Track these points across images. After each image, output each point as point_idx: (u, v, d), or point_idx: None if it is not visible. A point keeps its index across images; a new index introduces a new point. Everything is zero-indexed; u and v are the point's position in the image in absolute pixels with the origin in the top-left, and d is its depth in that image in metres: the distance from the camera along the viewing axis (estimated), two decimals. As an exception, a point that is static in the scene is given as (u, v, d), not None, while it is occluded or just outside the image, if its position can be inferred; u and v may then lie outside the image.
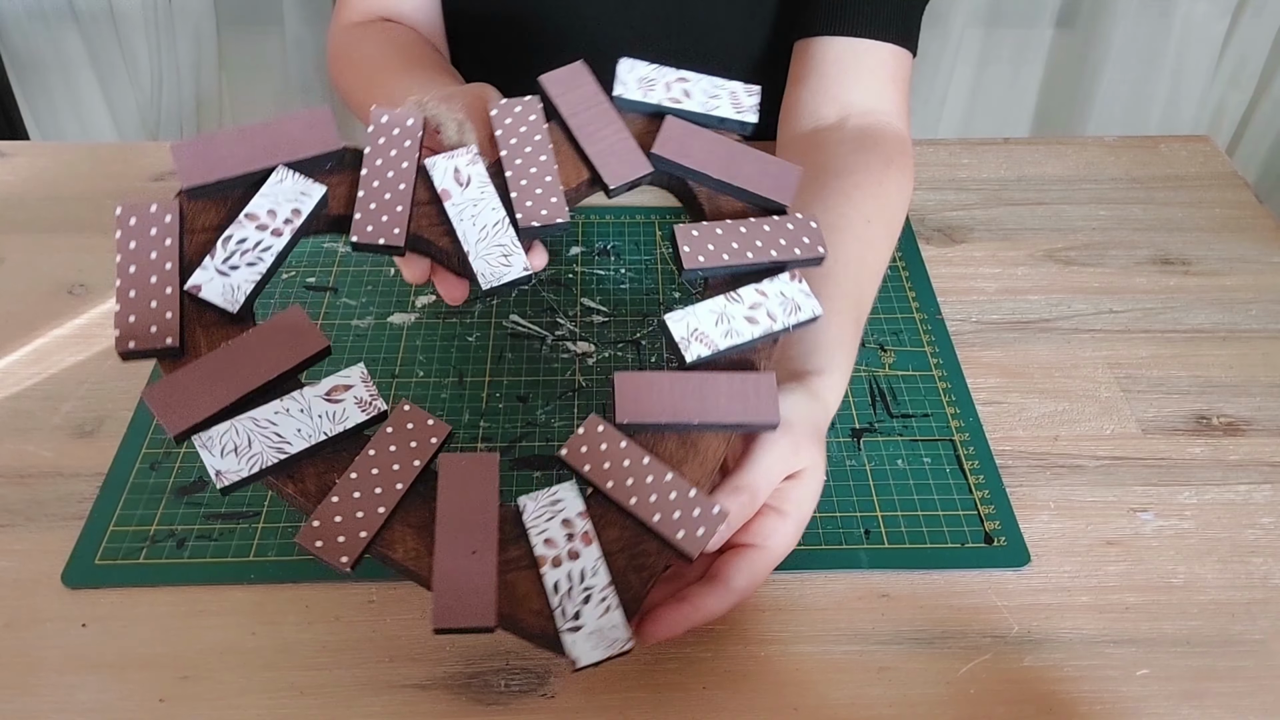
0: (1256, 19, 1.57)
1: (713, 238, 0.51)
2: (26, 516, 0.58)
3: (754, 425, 0.48)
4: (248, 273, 0.48)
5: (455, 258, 0.50)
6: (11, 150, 0.85)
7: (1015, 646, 0.53)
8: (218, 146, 0.50)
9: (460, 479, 0.45)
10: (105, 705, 0.50)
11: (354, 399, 0.46)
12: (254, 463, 0.44)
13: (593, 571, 0.44)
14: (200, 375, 0.45)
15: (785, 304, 0.50)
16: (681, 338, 0.48)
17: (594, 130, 0.54)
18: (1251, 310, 0.73)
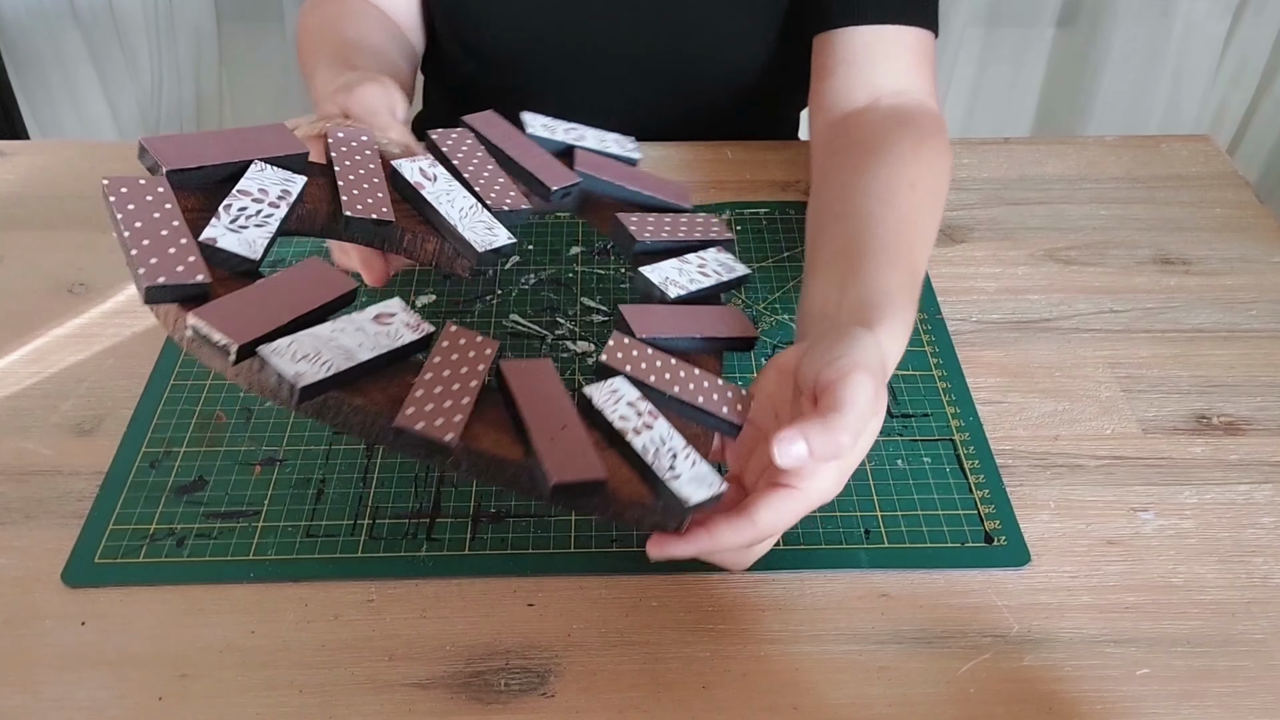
0: (1258, 18, 1.57)
1: (647, 222, 0.61)
2: (25, 515, 0.58)
3: (738, 339, 0.57)
4: (258, 231, 0.49)
5: (439, 236, 0.55)
6: (11, 149, 0.85)
7: (1015, 646, 0.53)
8: (190, 143, 0.51)
9: (526, 378, 0.48)
10: (104, 703, 0.50)
11: (402, 323, 0.48)
12: (327, 367, 0.44)
13: (669, 436, 0.49)
14: (242, 304, 0.45)
15: (722, 265, 0.61)
16: (660, 282, 0.58)
17: (523, 153, 0.62)
18: (1252, 310, 0.73)
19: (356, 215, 0.52)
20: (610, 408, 0.49)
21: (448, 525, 0.57)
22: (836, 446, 0.45)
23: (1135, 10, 1.53)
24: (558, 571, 0.55)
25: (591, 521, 0.57)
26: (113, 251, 0.75)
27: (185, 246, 0.46)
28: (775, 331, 0.69)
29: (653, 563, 0.48)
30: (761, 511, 0.47)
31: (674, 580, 0.55)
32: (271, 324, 0.45)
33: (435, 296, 0.72)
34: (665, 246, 0.60)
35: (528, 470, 0.46)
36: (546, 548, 0.56)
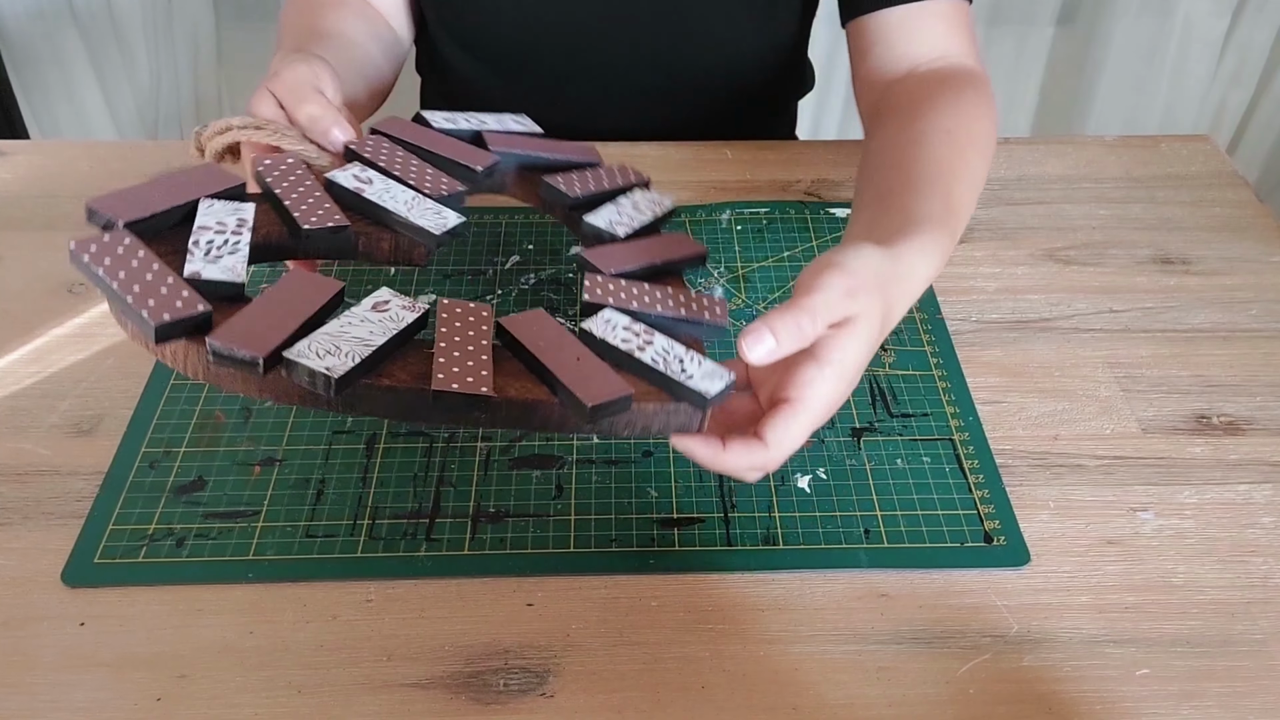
0: (1257, 18, 1.57)
1: (573, 179, 0.64)
2: (24, 515, 0.58)
3: (690, 257, 0.61)
4: (233, 258, 0.51)
5: (392, 231, 0.57)
6: (10, 149, 0.85)
7: (1015, 646, 0.53)
8: (134, 195, 0.53)
9: (529, 327, 0.52)
10: (102, 703, 0.50)
11: (398, 306, 0.51)
12: (351, 356, 0.46)
13: (671, 345, 0.52)
14: (249, 321, 0.47)
15: (650, 202, 0.65)
16: (606, 225, 0.61)
17: (439, 146, 0.64)
18: (1252, 310, 0.72)
19: (314, 227, 0.54)
20: (610, 334, 0.52)
21: (447, 525, 0.57)
22: (798, 330, 0.48)
23: (1134, 10, 1.53)
24: (557, 571, 0.55)
25: (591, 522, 0.58)
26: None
27: (175, 284, 0.48)
28: (775, 331, 0.69)
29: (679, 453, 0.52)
30: (768, 431, 0.49)
31: (673, 580, 0.55)
32: (284, 332, 0.47)
33: (435, 297, 0.72)
34: (594, 197, 0.64)
35: (558, 406, 0.49)
36: (546, 548, 0.56)
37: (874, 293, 0.51)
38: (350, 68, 0.73)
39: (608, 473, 0.60)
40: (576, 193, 0.64)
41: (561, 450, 0.62)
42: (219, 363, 0.46)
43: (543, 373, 0.50)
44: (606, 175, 0.67)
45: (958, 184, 0.63)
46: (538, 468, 0.60)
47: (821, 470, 0.61)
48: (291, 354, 0.46)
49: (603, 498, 0.59)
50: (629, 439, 0.63)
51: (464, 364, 0.49)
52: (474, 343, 0.50)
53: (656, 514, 0.58)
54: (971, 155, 0.66)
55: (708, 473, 0.60)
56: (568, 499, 0.59)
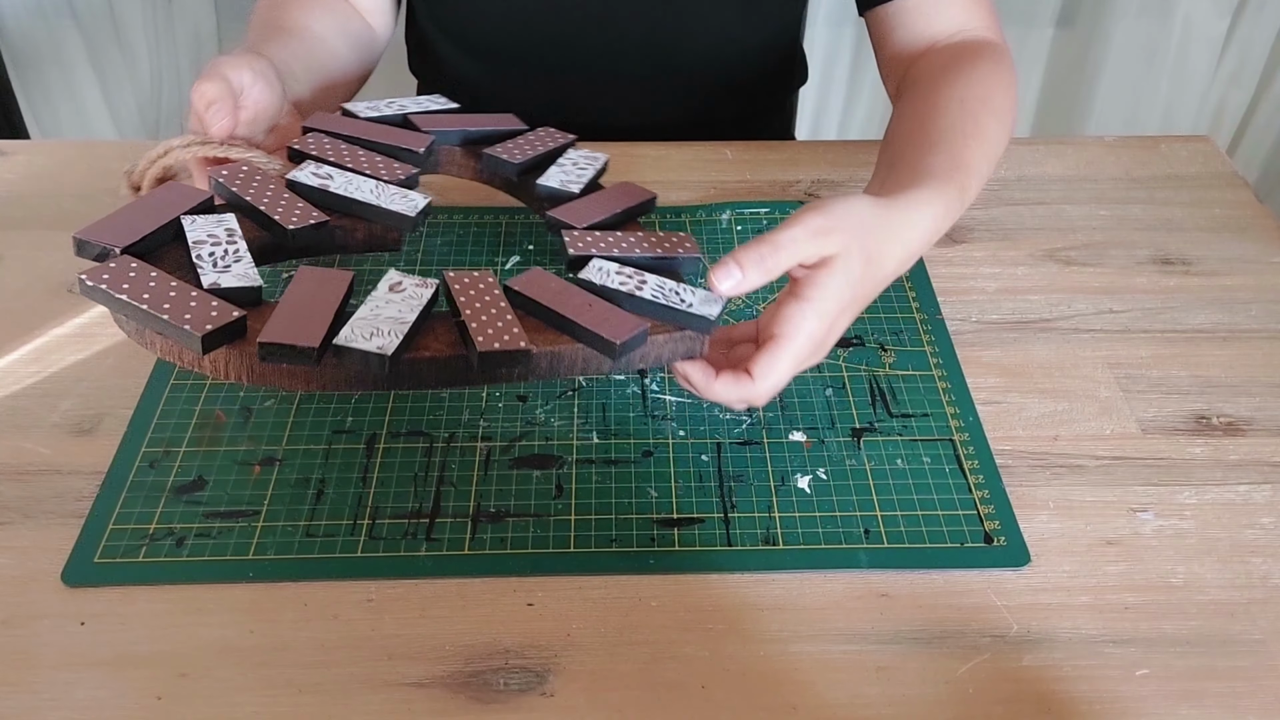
0: (1257, 18, 1.57)
1: (510, 148, 0.68)
2: (24, 514, 0.58)
3: (644, 202, 0.65)
4: (241, 265, 0.53)
5: (364, 220, 0.60)
6: (11, 148, 0.85)
7: (1014, 646, 0.53)
8: (118, 222, 0.54)
9: (535, 285, 0.55)
10: (103, 703, 0.50)
11: (413, 285, 0.54)
12: (394, 335, 0.50)
13: (663, 282, 0.56)
14: (288, 318, 0.50)
15: (587, 159, 0.69)
16: (559, 185, 0.65)
17: (374, 135, 0.66)
18: (1251, 310, 0.73)
19: (298, 226, 0.57)
20: (607, 280, 0.56)
21: (447, 525, 0.57)
22: (760, 261, 0.52)
23: (1134, 10, 1.53)
24: (557, 571, 0.55)
25: (591, 522, 0.58)
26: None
27: (201, 296, 0.50)
28: (775, 331, 0.69)
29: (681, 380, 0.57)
30: (754, 365, 0.53)
31: (673, 580, 0.55)
32: (325, 323, 0.50)
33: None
34: (536, 160, 0.68)
35: (583, 350, 0.54)
36: (546, 547, 0.56)
37: (851, 234, 0.54)
38: (309, 63, 0.74)
39: (608, 473, 0.60)
40: (518, 159, 0.67)
41: (561, 450, 0.62)
42: (269, 359, 0.49)
43: (562, 323, 0.54)
44: (538, 140, 0.70)
45: (968, 143, 0.64)
46: (538, 468, 0.60)
47: (821, 470, 0.61)
48: (340, 340, 0.49)
49: (603, 498, 0.59)
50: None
51: (495, 325, 0.53)
52: (495, 305, 0.54)
53: (656, 514, 0.58)
54: (986, 119, 0.67)
55: (708, 473, 0.60)
56: (568, 499, 0.59)
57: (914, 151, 0.65)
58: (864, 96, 1.63)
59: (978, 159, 0.64)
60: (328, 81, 0.77)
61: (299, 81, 0.72)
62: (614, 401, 0.64)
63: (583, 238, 0.60)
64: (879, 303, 0.72)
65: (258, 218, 0.58)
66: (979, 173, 0.64)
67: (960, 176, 0.62)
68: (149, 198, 0.57)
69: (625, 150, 0.86)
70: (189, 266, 0.54)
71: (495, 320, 0.53)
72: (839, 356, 0.68)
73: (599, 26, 0.84)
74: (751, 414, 0.64)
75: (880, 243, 0.56)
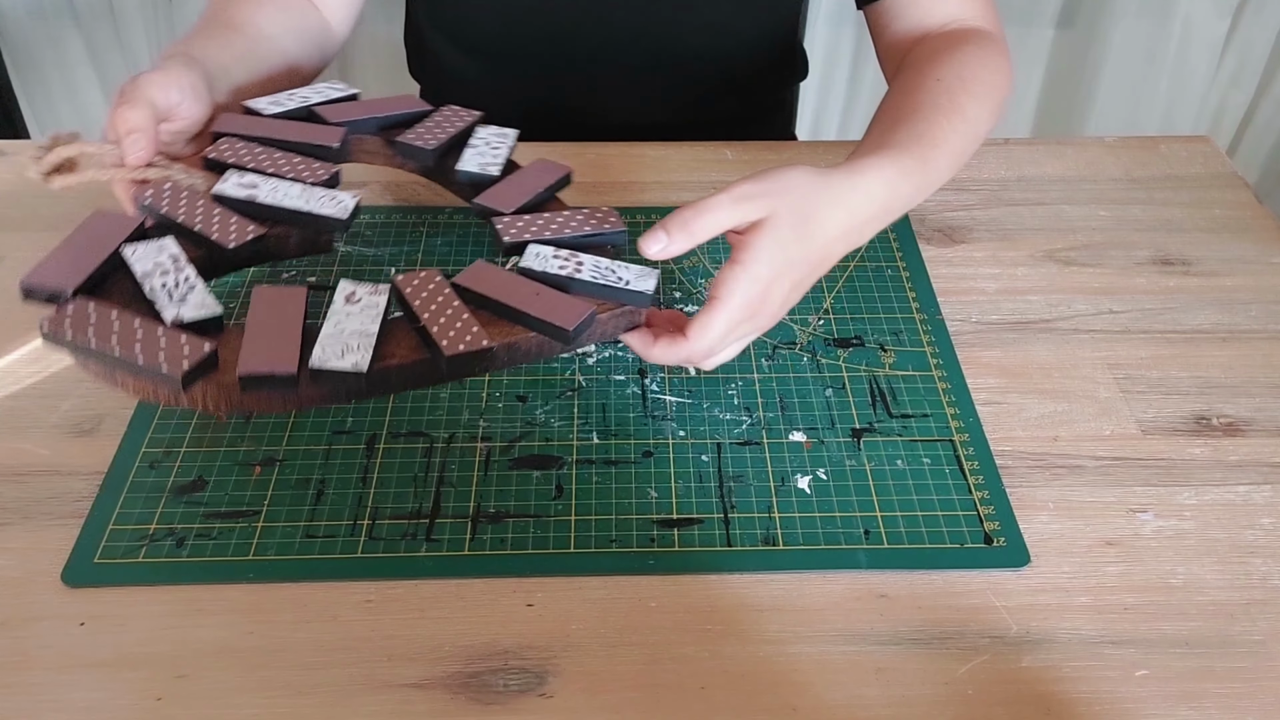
0: (1257, 19, 1.57)
1: (421, 132, 0.69)
2: (24, 515, 0.58)
3: (561, 178, 0.67)
4: (197, 293, 0.54)
5: (294, 226, 0.61)
6: (11, 149, 0.85)
7: (1014, 647, 0.53)
8: (60, 263, 0.55)
9: (481, 279, 0.58)
10: (102, 703, 0.50)
11: (366, 293, 0.56)
12: (363, 349, 0.52)
13: (598, 260, 0.59)
14: (259, 342, 0.51)
15: (497, 136, 0.70)
16: (479, 169, 0.67)
17: (286, 133, 0.67)
18: (1251, 311, 0.73)
19: (238, 243, 0.58)
20: (546, 265, 0.58)
21: (447, 526, 0.57)
22: (684, 225, 0.55)
23: (1134, 11, 1.53)
24: (556, 572, 0.55)
25: (590, 522, 0.58)
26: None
27: (168, 333, 0.51)
28: (776, 332, 0.69)
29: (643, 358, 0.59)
30: (690, 326, 0.56)
31: (672, 581, 0.55)
32: (296, 345, 0.52)
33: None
34: (449, 143, 0.69)
35: (535, 339, 0.56)
36: (545, 548, 0.56)
37: (779, 198, 0.56)
38: (250, 64, 0.73)
39: (607, 473, 0.60)
40: (432, 145, 0.68)
41: (561, 451, 0.62)
42: (250, 389, 0.50)
43: (514, 315, 0.56)
44: (446, 121, 0.71)
45: (937, 119, 0.65)
46: (537, 468, 0.60)
47: (821, 471, 0.61)
48: (316, 363, 0.51)
49: (602, 498, 0.59)
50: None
51: (454, 326, 0.54)
52: (449, 305, 0.56)
53: (656, 515, 0.58)
54: (963, 98, 0.67)
55: (707, 474, 0.60)
56: (567, 499, 0.59)
57: (879, 127, 0.67)
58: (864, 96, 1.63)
59: (948, 134, 0.65)
60: (270, 82, 0.76)
61: (233, 88, 0.71)
62: (614, 402, 0.64)
63: (514, 223, 0.62)
64: (879, 303, 0.72)
65: (193, 238, 0.59)
66: (949, 147, 0.65)
67: (921, 149, 0.63)
68: (81, 232, 0.57)
69: (625, 150, 0.86)
70: (141, 298, 0.54)
71: (454, 321, 0.55)
72: (839, 357, 0.68)
73: (595, 22, 0.84)
74: (751, 414, 0.64)
75: (816, 207, 0.57)
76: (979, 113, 0.68)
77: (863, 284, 0.73)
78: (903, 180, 0.61)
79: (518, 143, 0.70)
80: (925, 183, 0.64)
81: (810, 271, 0.59)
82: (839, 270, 0.74)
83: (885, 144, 0.63)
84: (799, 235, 0.56)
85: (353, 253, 0.75)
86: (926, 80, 0.69)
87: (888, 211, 0.61)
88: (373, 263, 0.74)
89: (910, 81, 0.70)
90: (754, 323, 0.58)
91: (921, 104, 0.67)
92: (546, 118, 0.90)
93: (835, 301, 0.72)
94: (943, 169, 0.65)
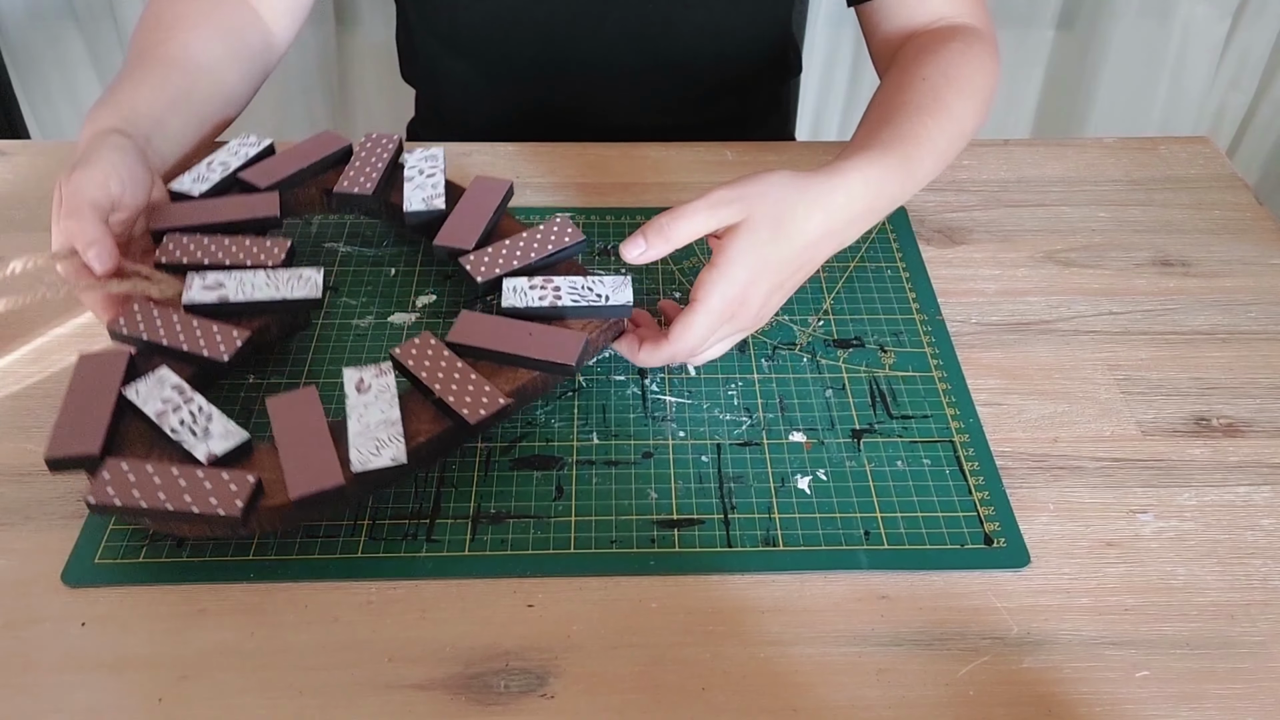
0: (1257, 20, 1.57)
1: (349, 175, 0.71)
2: (25, 515, 0.58)
3: (505, 196, 0.69)
4: (220, 423, 0.55)
5: (269, 314, 0.63)
6: (11, 149, 0.85)
7: (1014, 648, 0.53)
8: (74, 426, 0.54)
9: (473, 332, 0.60)
10: (103, 705, 0.50)
11: (373, 377, 0.58)
12: (393, 439, 0.54)
13: (574, 282, 0.62)
14: (299, 461, 0.53)
15: (430, 162, 0.72)
16: (424, 205, 0.69)
17: (224, 212, 0.67)
18: (1251, 312, 0.73)
19: (233, 355, 0.59)
20: (526, 300, 0.61)
21: (447, 526, 0.57)
22: (660, 230, 0.57)
23: (1134, 12, 1.53)
24: (557, 573, 0.55)
25: (591, 523, 0.58)
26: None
27: (210, 474, 0.52)
28: (775, 332, 0.69)
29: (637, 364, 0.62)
30: (672, 327, 0.59)
31: (673, 582, 0.55)
32: (333, 454, 0.54)
33: (435, 296, 0.72)
34: (383, 181, 0.71)
35: (540, 376, 0.59)
36: (546, 549, 0.56)
37: (754, 201, 0.58)
38: (187, 109, 0.71)
39: (608, 474, 0.60)
40: (368, 188, 0.70)
41: (561, 451, 0.62)
42: (302, 508, 0.52)
43: (514, 360, 0.59)
44: (371, 155, 0.73)
45: (921, 117, 0.66)
46: (538, 469, 0.61)
47: (821, 471, 0.61)
48: (358, 466, 0.53)
49: (603, 499, 0.59)
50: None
51: (468, 391, 0.57)
52: (454, 369, 0.58)
53: (656, 515, 0.58)
54: (948, 95, 0.68)
55: (708, 475, 0.60)
56: (568, 500, 0.59)
57: (865, 127, 0.67)
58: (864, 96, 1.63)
59: (932, 131, 0.66)
60: (208, 121, 0.74)
61: (171, 140, 0.70)
62: (614, 403, 0.64)
63: (481, 260, 0.64)
64: (879, 304, 0.72)
65: (184, 358, 0.59)
66: (934, 145, 0.66)
67: (905, 147, 0.64)
68: (77, 382, 0.57)
69: (626, 151, 0.86)
70: (160, 437, 0.55)
71: (465, 386, 0.57)
72: (839, 358, 0.68)
73: (588, 21, 0.84)
74: (751, 415, 0.64)
75: (793, 208, 0.58)
76: (965, 110, 0.69)
77: (863, 285, 0.73)
78: (887, 179, 0.62)
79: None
80: (910, 181, 0.64)
81: (792, 273, 0.60)
82: (839, 271, 0.74)
83: (869, 144, 0.64)
84: (775, 237, 0.58)
85: (353, 253, 0.75)
86: (913, 79, 0.70)
87: (872, 211, 0.62)
88: (372, 263, 0.74)
89: (897, 80, 0.71)
90: (735, 323, 0.60)
91: (907, 103, 0.67)
92: (540, 120, 0.90)
93: (835, 302, 0.72)
94: (928, 167, 0.66)
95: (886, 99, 0.70)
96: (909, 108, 0.67)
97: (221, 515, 0.51)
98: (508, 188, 0.70)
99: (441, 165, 0.72)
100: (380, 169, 0.71)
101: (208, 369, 0.60)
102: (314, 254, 0.75)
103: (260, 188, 0.70)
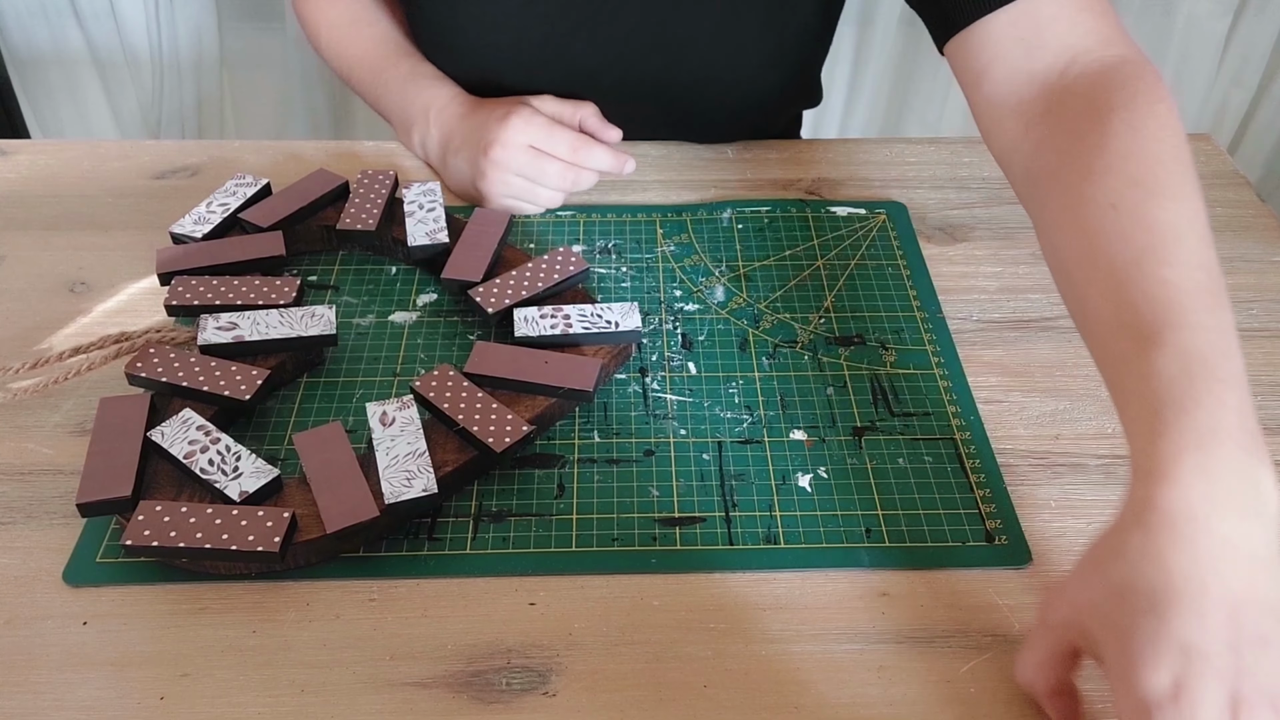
0: (1258, 18, 1.57)
1: (352, 214, 0.73)
2: (27, 514, 0.58)
3: (507, 226, 0.72)
4: (249, 461, 0.56)
5: (284, 350, 0.64)
6: (12, 148, 0.85)
7: (1016, 646, 0.53)
8: (100, 469, 0.55)
9: (491, 362, 0.61)
10: (105, 703, 0.50)
11: (395, 411, 0.59)
12: (422, 470, 0.55)
13: (582, 310, 0.65)
14: (331, 495, 0.54)
15: (425, 195, 0.74)
16: (428, 239, 0.70)
17: (228, 255, 0.69)
18: (1253, 310, 0.72)
19: (255, 395, 0.60)
20: (539, 329, 0.63)
21: (449, 525, 0.58)
22: None
23: (1136, 9, 1.53)
24: (559, 571, 0.55)
25: (592, 521, 0.58)
26: (113, 251, 0.75)
27: (244, 512, 0.53)
28: (776, 330, 0.69)
29: None
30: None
31: (675, 580, 0.55)
32: (363, 484, 0.55)
33: (436, 295, 0.72)
34: (383, 217, 0.73)
35: (559, 402, 0.61)
36: (547, 547, 0.56)
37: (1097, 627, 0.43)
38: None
39: (609, 472, 0.60)
40: (370, 224, 0.71)
41: (563, 449, 0.62)
42: (338, 539, 0.53)
43: (533, 388, 0.60)
44: (366, 189, 0.74)
45: (1150, 259, 0.48)
46: (539, 467, 0.61)
47: (823, 469, 0.61)
48: (391, 498, 0.54)
49: (604, 497, 0.59)
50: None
51: (490, 420, 0.58)
52: (474, 399, 0.59)
53: (658, 513, 0.58)
54: (1159, 211, 0.50)
55: (709, 472, 0.60)
56: (569, 498, 0.59)
57: (1113, 360, 0.48)
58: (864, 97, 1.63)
59: (1185, 283, 0.47)
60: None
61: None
62: (615, 401, 0.64)
63: (490, 292, 0.66)
64: (880, 301, 0.72)
65: (205, 398, 0.60)
66: (1202, 296, 0.47)
67: (1200, 367, 0.44)
68: (101, 429, 0.57)
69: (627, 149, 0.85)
70: (187, 477, 0.56)
71: (488, 415, 0.58)
72: (840, 355, 0.68)
73: (588, 46, 0.80)
74: (753, 413, 0.64)
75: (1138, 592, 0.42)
76: (1180, 212, 0.50)
77: (864, 282, 0.73)
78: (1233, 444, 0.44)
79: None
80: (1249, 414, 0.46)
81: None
82: (840, 269, 0.74)
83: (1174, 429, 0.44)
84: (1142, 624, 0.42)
85: (353, 253, 0.75)
86: (1108, 235, 0.50)
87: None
88: (373, 262, 0.74)
89: (1084, 227, 0.52)
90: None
91: (1135, 300, 0.47)
92: None
93: (836, 300, 0.72)
94: (1237, 362, 0.47)
95: (1094, 275, 0.50)
96: (1139, 291, 0.47)
97: (260, 551, 0.51)
98: (508, 220, 0.71)
99: (440, 199, 0.73)
100: (380, 204, 0.73)
101: (229, 408, 0.60)
102: (314, 253, 0.75)
103: (262, 227, 0.71)
